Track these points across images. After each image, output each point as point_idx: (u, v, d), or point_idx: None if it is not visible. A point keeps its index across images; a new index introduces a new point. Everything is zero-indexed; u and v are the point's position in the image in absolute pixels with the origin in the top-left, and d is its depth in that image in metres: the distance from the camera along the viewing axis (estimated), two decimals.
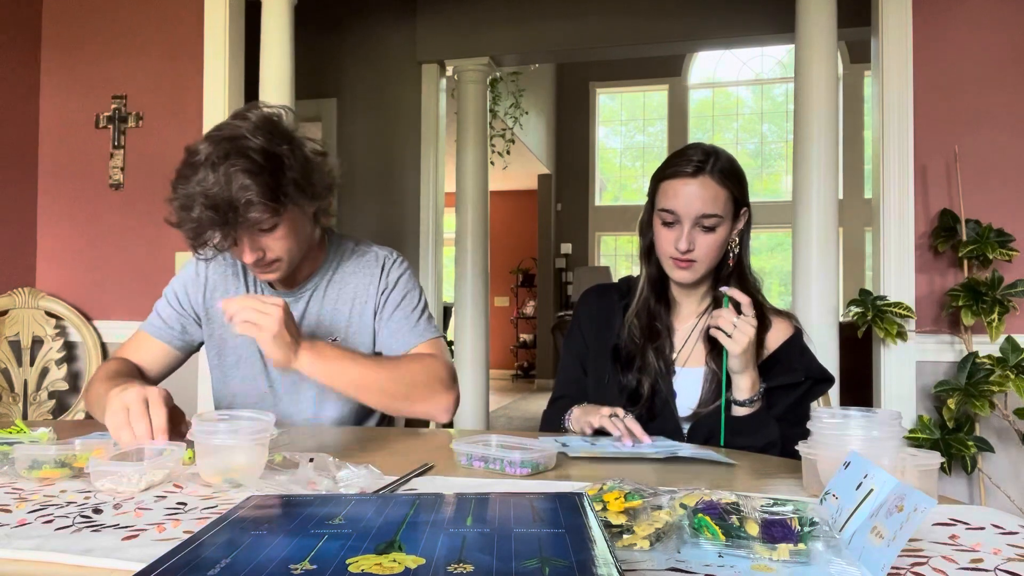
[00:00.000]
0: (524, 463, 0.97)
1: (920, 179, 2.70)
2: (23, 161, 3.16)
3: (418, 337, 1.46)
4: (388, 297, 1.49)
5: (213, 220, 1.21)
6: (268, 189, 1.21)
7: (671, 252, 1.35)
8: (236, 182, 1.19)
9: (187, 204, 1.22)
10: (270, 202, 1.22)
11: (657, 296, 1.44)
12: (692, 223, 1.33)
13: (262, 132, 1.25)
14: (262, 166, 1.21)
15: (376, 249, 1.54)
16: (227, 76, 3.03)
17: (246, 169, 1.20)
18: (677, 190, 1.34)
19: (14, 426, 1.16)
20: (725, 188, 1.34)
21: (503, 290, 10.73)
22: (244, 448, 0.90)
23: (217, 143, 1.23)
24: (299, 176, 1.27)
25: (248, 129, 1.25)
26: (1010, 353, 2.48)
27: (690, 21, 4.54)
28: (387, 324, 1.48)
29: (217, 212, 1.20)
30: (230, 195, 1.19)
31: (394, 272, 1.51)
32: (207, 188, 1.20)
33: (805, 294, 2.82)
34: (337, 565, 0.50)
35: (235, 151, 1.21)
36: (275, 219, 1.26)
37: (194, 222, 1.23)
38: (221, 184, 1.19)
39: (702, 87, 10.05)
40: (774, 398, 1.34)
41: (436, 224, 4.82)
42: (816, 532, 0.65)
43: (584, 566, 0.49)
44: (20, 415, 3.00)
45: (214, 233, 1.24)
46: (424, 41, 4.90)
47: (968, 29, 2.69)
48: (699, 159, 1.33)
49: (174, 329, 1.51)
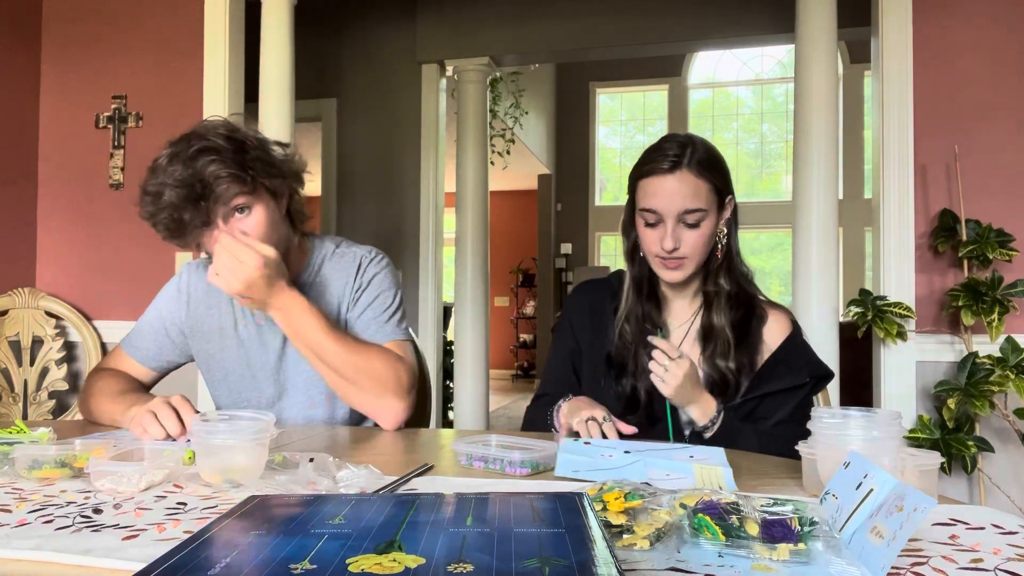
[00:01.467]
0: (524, 463, 0.97)
1: (920, 179, 2.70)
2: (23, 161, 3.16)
3: (385, 336, 1.44)
4: (361, 295, 1.47)
5: (186, 198, 1.22)
6: (234, 163, 1.25)
7: (657, 251, 1.32)
8: (201, 160, 1.23)
9: (157, 193, 1.24)
10: (238, 172, 1.24)
11: (647, 296, 1.40)
12: (675, 220, 1.29)
13: (222, 126, 1.30)
14: (224, 146, 1.26)
15: (356, 249, 1.52)
16: (227, 76, 3.03)
17: (209, 148, 1.24)
18: (656, 188, 1.29)
19: (14, 426, 1.16)
20: (705, 180, 1.29)
21: (503, 290, 10.74)
22: (244, 448, 0.90)
23: (177, 142, 1.28)
24: (263, 154, 1.31)
25: (207, 126, 1.30)
26: (1010, 353, 2.48)
27: (690, 21, 4.55)
28: (357, 321, 1.46)
29: (189, 190, 1.22)
30: (197, 171, 1.22)
31: (370, 270, 1.49)
32: (174, 172, 1.23)
33: (805, 294, 2.82)
34: (337, 565, 0.50)
35: (197, 138, 1.26)
36: (247, 196, 1.28)
37: (167, 207, 1.24)
38: (188, 166, 1.23)
39: (702, 87, 10.05)
40: (779, 401, 1.31)
41: (436, 224, 4.82)
42: (816, 532, 0.65)
43: (584, 566, 0.49)
44: (20, 415, 3.00)
45: (188, 213, 1.24)
46: (424, 41, 4.90)
47: (968, 29, 2.69)
48: (675, 152, 1.29)
49: (148, 351, 1.52)
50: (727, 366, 1.33)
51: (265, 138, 1.37)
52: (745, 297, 1.37)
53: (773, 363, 1.34)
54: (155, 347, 1.53)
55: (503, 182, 9.60)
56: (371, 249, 1.53)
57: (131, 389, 1.46)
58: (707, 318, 1.37)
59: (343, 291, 1.48)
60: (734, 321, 1.35)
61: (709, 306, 1.38)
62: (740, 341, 1.34)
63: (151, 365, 1.53)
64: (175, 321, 1.51)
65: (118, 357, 1.55)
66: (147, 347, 1.53)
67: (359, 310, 1.47)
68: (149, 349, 1.53)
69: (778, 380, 1.32)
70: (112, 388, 1.44)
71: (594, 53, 5.30)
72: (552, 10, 4.73)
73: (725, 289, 1.36)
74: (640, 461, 1.00)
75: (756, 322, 1.37)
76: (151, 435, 1.16)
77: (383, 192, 4.88)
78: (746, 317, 1.36)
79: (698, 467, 0.98)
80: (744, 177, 9.93)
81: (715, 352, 1.34)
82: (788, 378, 1.32)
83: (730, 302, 1.36)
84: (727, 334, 1.34)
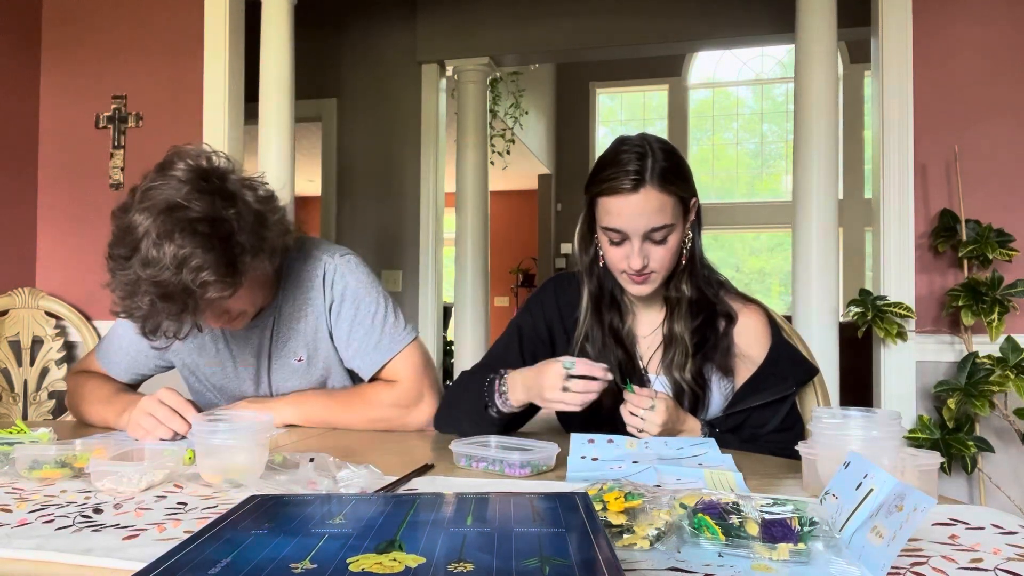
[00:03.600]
0: (524, 464, 0.97)
1: (920, 179, 2.70)
2: (23, 161, 3.16)
3: (384, 353, 1.37)
4: (339, 313, 1.37)
5: (168, 310, 1.10)
6: (223, 264, 1.10)
7: (624, 268, 1.26)
8: (188, 264, 1.07)
9: (132, 290, 1.10)
10: (227, 277, 1.11)
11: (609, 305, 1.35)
12: (641, 239, 1.23)
13: (200, 195, 1.11)
14: (210, 237, 1.08)
15: (315, 253, 1.39)
16: (227, 76, 3.03)
17: (196, 246, 1.07)
18: (619, 208, 1.22)
19: (14, 426, 1.16)
20: (670, 194, 1.22)
21: (503, 290, 10.73)
22: (244, 448, 0.90)
23: (155, 216, 1.08)
24: (252, 237, 1.15)
25: (184, 194, 1.10)
26: (1010, 353, 2.48)
27: (690, 21, 4.54)
28: (348, 344, 1.38)
29: (172, 301, 1.09)
30: (182, 280, 1.07)
31: (338, 282, 1.37)
32: (155, 275, 1.07)
33: (805, 294, 2.82)
34: (337, 564, 0.50)
35: (178, 227, 1.07)
36: (234, 289, 1.15)
37: (143, 311, 1.10)
38: (170, 269, 1.06)
39: (702, 87, 10.05)
40: (772, 410, 1.28)
41: (436, 224, 4.82)
42: (816, 532, 0.65)
43: (584, 566, 0.50)
44: (20, 415, 3.00)
45: (169, 322, 1.12)
46: (424, 41, 4.90)
47: (968, 28, 2.69)
48: (635, 168, 1.20)
49: (120, 364, 1.48)
50: (683, 377, 1.29)
51: (251, 206, 1.18)
52: (705, 303, 1.33)
53: (762, 376, 1.30)
54: (127, 361, 1.47)
55: (503, 182, 9.59)
56: (333, 252, 1.40)
57: (119, 390, 1.44)
58: (668, 326, 1.33)
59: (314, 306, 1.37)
60: (693, 328, 1.32)
61: (671, 313, 1.33)
62: (700, 348, 1.31)
63: (126, 378, 1.50)
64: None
65: (94, 365, 1.51)
66: (119, 361, 1.48)
67: (344, 331, 1.37)
68: (121, 363, 1.48)
69: (768, 392, 1.28)
70: (100, 393, 1.41)
71: (594, 53, 5.30)
72: (552, 10, 4.73)
73: (686, 296, 1.33)
74: (651, 468, 1.00)
75: (725, 323, 1.32)
76: (156, 437, 1.15)
77: (383, 192, 4.87)
78: (707, 322, 1.32)
79: (708, 472, 0.98)
80: (744, 177, 9.93)
81: (672, 363, 1.31)
82: (778, 388, 1.29)
83: (691, 308, 1.33)
84: (686, 343, 1.31)
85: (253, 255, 1.16)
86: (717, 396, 1.33)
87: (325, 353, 1.42)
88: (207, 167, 1.17)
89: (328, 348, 1.41)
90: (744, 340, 1.33)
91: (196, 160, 1.16)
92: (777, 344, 1.33)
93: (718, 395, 1.33)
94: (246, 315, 1.30)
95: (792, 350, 1.37)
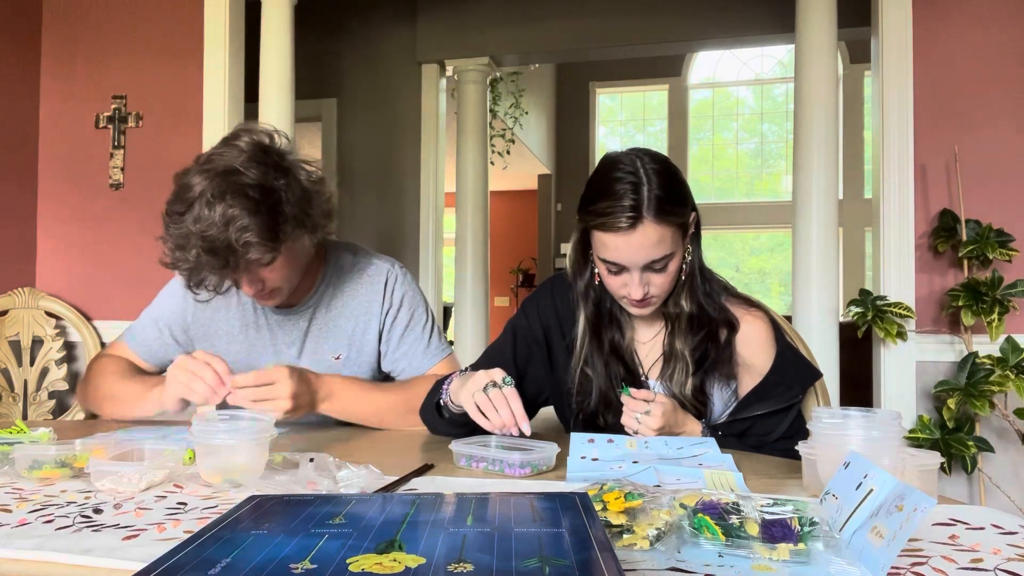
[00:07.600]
0: (524, 464, 0.97)
1: (920, 179, 2.70)
2: (23, 161, 3.16)
3: (431, 359, 1.48)
4: (395, 318, 1.47)
5: (211, 264, 1.19)
6: (267, 228, 1.18)
7: (624, 294, 1.24)
8: (235, 224, 1.16)
9: (183, 244, 1.19)
10: (269, 241, 1.19)
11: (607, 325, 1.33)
12: (641, 270, 1.20)
13: (256, 164, 1.21)
14: (259, 203, 1.18)
15: (377, 261, 1.49)
16: (227, 76, 3.03)
17: (244, 208, 1.16)
18: (616, 244, 1.18)
19: (14, 426, 1.16)
20: (668, 224, 1.18)
21: (503, 290, 10.73)
22: (244, 448, 0.90)
23: (211, 178, 1.18)
24: (297, 210, 1.24)
25: (242, 162, 1.20)
26: (1010, 353, 2.48)
27: (690, 21, 4.55)
28: (398, 347, 1.46)
29: (216, 255, 1.18)
30: (228, 237, 1.16)
31: (398, 290, 1.47)
32: (203, 229, 1.16)
33: (805, 294, 2.82)
34: (337, 564, 0.50)
35: (231, 189, 1.17)
36: (274, 255, 1.23)
37: (191, 263, 1.20)
38: (219, 225, 1.16)
39: (702, 87, 10.05)
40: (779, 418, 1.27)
41: (436, 224, 4.83)
42: (816, 532, 0.65)
43: (584, 566, 0.50)
44: (20, 415, 3.00)
45: (212, 276, 1.22)
46: (424, 41, 4.90)
47: (968, 29, 2.69)
48: (631, 204, 1.15)
49: (150, 347, 1.52)
50: (683, 392, 1.28)
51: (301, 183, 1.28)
52: (706, 318, 1.31)
53: (768, 385, 1.28)
54: (156, 344, 1.52)
55: (503, 182, 9.60)
56: (393, 262, 1.51)
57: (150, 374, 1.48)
58: (669, 342, 1.32)
59: (368, 308, 1.46)
60: (694, 345, 1.30)
61: (671, 328, 1.32)
62: (701, 365, 1.29)
63: (153, 360, 1.53)
64: (178, 321, 1.50)
65: (120, 350, 1.54)
66: (149, 343, 1.52)
67: (396, 335, 1.47)
68: (151, 346, 1.52)
69: (774, 400, 1.27)
70: (128, 368, 1.45)
71: (594, 53, 5.31)
72: (552, 10, 4.73)
73: (686, 311, 1.31)
74: (651, 468, 1.00)
75: (727, 333, 1.31)
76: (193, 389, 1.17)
77: (383, 192, 4.88)
78: (708, 337, 1.31)
79: (708, 472, 0.98)
80: (744, 177, 9.94)
81: (672, 378, 1.30)
82: (784, 396, 1.28)
83: (691, 323, 1.31)
84: (687, 360, 1.29)
85: (295, 226, 1.24)
86: (718, 403, 1.32)
87: (369, 355, 1.47)
88: (268, 144, 1.26)
89: (373, 350, 1.47)
90: (748, 349, 1.31)
91: (259, 136, 1.27)
92: (783, 351, 1.31)
93: (719, 402, 1.32)
94: (280, 293, 1.34)
95: (797, 356, 1.36)
